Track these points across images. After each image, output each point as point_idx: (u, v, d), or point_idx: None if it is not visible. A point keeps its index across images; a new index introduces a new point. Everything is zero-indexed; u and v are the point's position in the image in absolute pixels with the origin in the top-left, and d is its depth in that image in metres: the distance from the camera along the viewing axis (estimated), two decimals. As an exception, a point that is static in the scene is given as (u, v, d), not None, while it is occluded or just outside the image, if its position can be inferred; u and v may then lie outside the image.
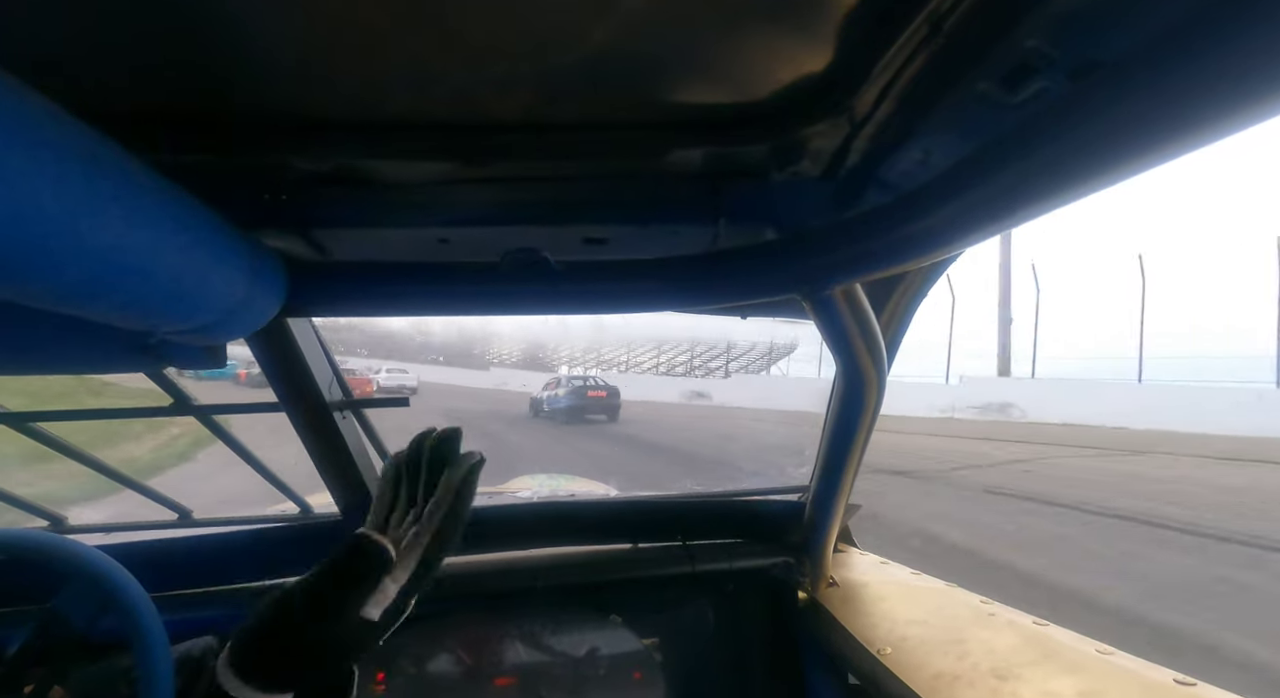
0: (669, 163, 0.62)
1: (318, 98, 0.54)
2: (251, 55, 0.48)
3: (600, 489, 2.25)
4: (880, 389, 0.88)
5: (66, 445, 0.96)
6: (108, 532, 1.15)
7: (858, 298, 0.75)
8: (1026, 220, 0.49)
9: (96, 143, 0.38)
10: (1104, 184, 0.41)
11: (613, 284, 0.73)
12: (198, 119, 0.55)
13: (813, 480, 1.15)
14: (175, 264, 0.46)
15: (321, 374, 0.92)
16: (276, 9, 0.43)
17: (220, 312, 0.55)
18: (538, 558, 1.24)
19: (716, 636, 1.34)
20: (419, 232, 0.69)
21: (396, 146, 0.59)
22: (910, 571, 1.23)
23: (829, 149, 0.61)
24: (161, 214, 0.44)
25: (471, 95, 0.54)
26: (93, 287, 0.41)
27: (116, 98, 0.52)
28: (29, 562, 0.81)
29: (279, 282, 0.65)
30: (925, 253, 0.59)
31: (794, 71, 0.51)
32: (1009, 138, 0.45)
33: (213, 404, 0.94)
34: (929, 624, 0.97)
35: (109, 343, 0.58)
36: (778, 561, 1.29)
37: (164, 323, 0.52)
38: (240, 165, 0.60)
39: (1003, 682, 0.77)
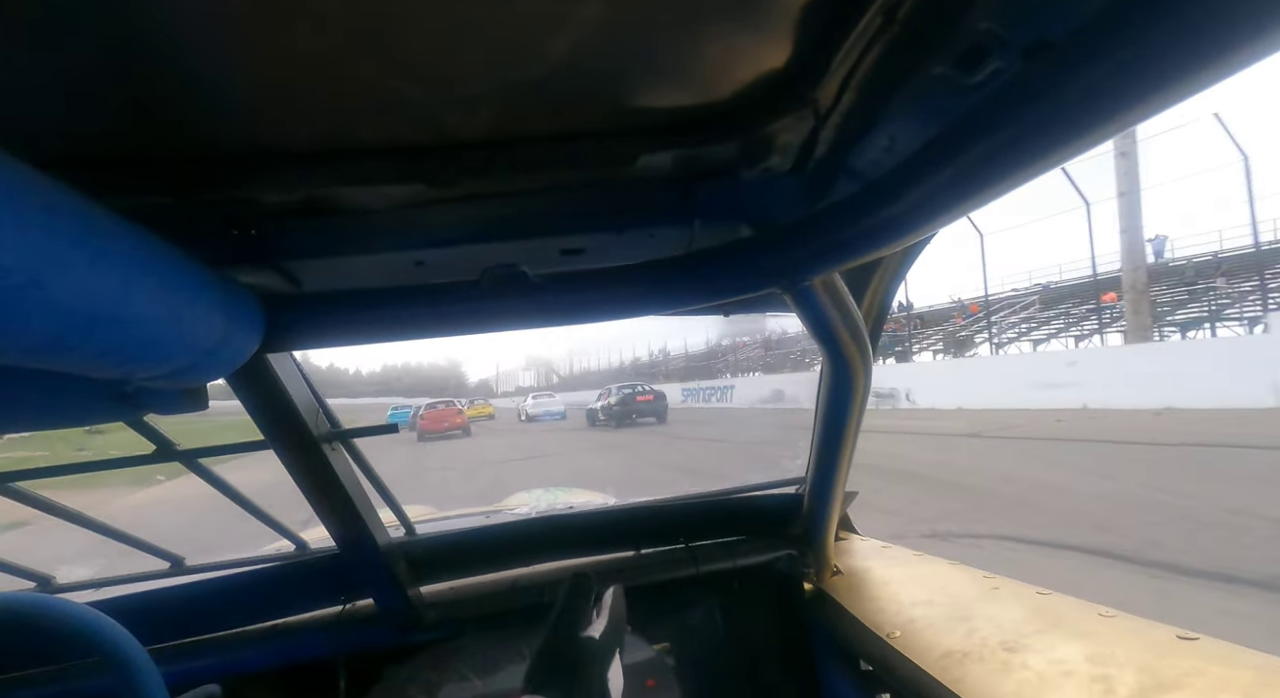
0: (640, 168, 0.62)
1: (280, 130, 0.53)
2: (208, 92, 0.47)
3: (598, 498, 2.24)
4: (867, 375, 0.89)
5: (50, 503, 0.94)
6: (98, 587, 1.12)
7: (837, 287, 0.76)
8: (993, 198, 0.50)
9: (54, 190, 0.37)
10: (1065, 157, 0.42)
11: (593, 293, 0.73)
12: (159, 159, 0.54)
13: (809, 472, 1.16)
14: (146, 309, 0.45)
15: (307, 408, 0.91)
16: (229, 45, 0.42)
17: (197, 353, 0.54)
18: (542, 573, 1.23)
19: (727, 635, 1.34)
20: (394, 256, 0.69)
21: (363, 173, 0.58)
22: (913, 552, 1.24)
23: (796, 143, 0.61)
24: (128, 259, 0.43)
25: (434, 116, 0.53)
26: (62, 339, 0.40)
27: (72, 142, 0.51)
28: (19, 625, 0.79)
29: (256, 318, 0.64)
30: (898, 237, 0.60)
31: (755, 69, 0.52)
32: (970, 119, 0.46)
33: (197, 448, 0.92)
34: (935, 604, 0.98)
35: (84, 394, 0.57)
36: (781, 554, 1.29)
37: (140, 369, 0.51)
38: (207, 203, 0.59)
39: (1012, 654, 0.78)
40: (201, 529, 3.88)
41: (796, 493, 1.28)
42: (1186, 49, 0.32)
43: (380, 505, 1.11)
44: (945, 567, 1.14)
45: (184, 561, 1.13)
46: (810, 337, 0.83)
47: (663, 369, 40.03)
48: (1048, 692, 0.70)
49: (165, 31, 0.40)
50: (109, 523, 1.03)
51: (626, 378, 40.93)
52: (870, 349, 0.87)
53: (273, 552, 1.20)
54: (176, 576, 1.12)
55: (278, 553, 1.18)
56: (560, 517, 1.32)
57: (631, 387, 20.60)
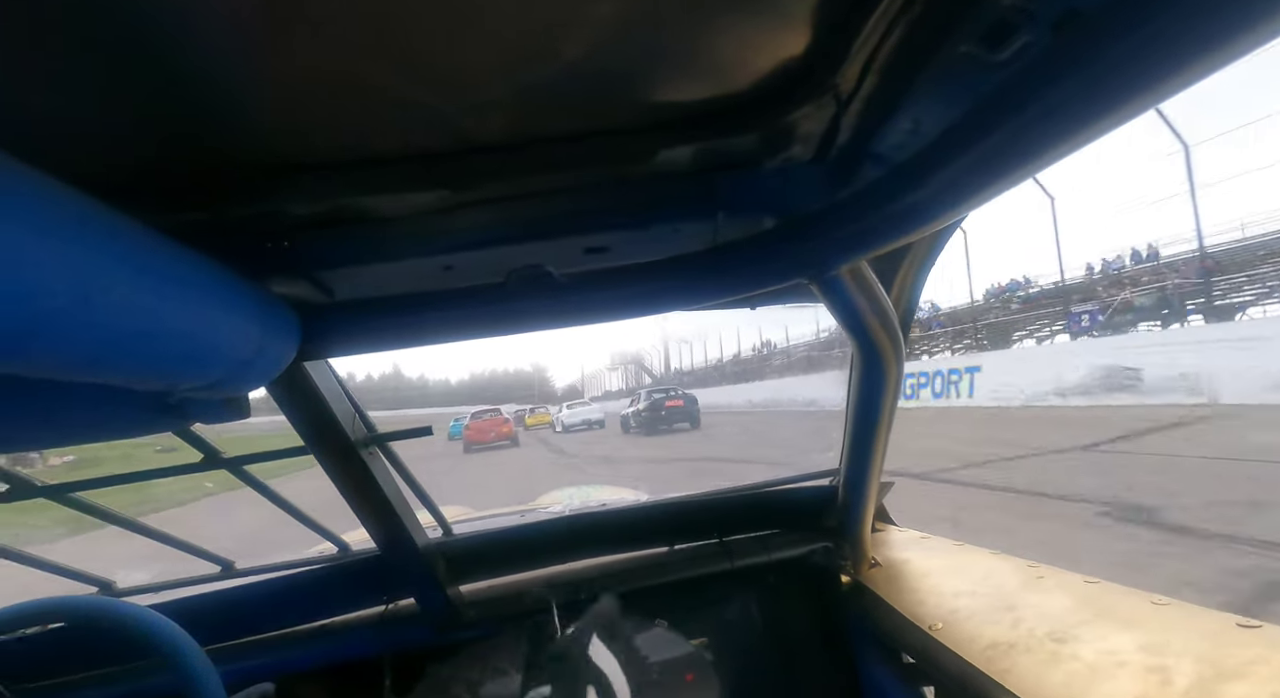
0: (660, 163, 0.62)
1: (304, 143, 0.55)
2: (234, 111, 0.48)
3: (630, 495, 2.25)
4: (900, 363, 0.87)
5: (108, 511, 0.98)
6: (156, 591, 1.17)
7: (865, 275, 0.75)
8: (1024, 178, 0.48)
9: (95, 210, 0.38)
10: (1099, 131, 0.41)
11: (619, 290, 0.73)
12: (192, 177, 0.56)
13: (842, 463, 1.14)
14: (187, 322, 0.47)
15: (343, 413, 0.93)
16: (254, 67, 0.43)
17: (237, 363, 0.56)
18: (577, 570, 1.24)
19: (764, 629, 1.34)
20: (422, 261, 0.70)
21: (387, 181, 0.59)
22: (953, 542, 1.22)
23: (818, 131, 0.60)
24: (168, 274, 0.45)
25: (453, 122, 0.54)
26: (107, 353, 0.41)
27: (111, 164, 0.53)
28: (89, 626, 0.83)
29: (291, 327, 0.65)
30: (926, 222, 0.58)
31: (773, 58, 0.51)
32: (998, 97, 0.45)
33: (242, 455, 0.95)
34: (977, 595, 0.96)
35: (131, 406, 0.59)
36: (816, 547, 1.28)
37: (183, 380, 0.53)
38: (240, 217, 0.61)
39: (1061, 644, 0.76)
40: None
41: (830, 485, 1.26)
42: (1227, 11, 0.31)
43: (418, 507, 1.13)
44: (987, 557, 1.11)
45: (234, 564, 1.16)
46: (842, 327, 0.82)
47: (777, 361, 33.99)
48: (1100, 683, 0.67)
49: (194, 57, 0.41)
50: (163, 530, 1.07)
51: (728, 375, 38.23)
52: (901, 337, 0.85)
53: (316, 554, 1.23)
54: (227, 579, 1.16)
55: (321, 556, 1.21)
56: (593, 514, 1.33)
57: (664, 391, 19.76)
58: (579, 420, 23.92)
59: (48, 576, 1.07)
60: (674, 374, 46.31)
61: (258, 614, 1.18)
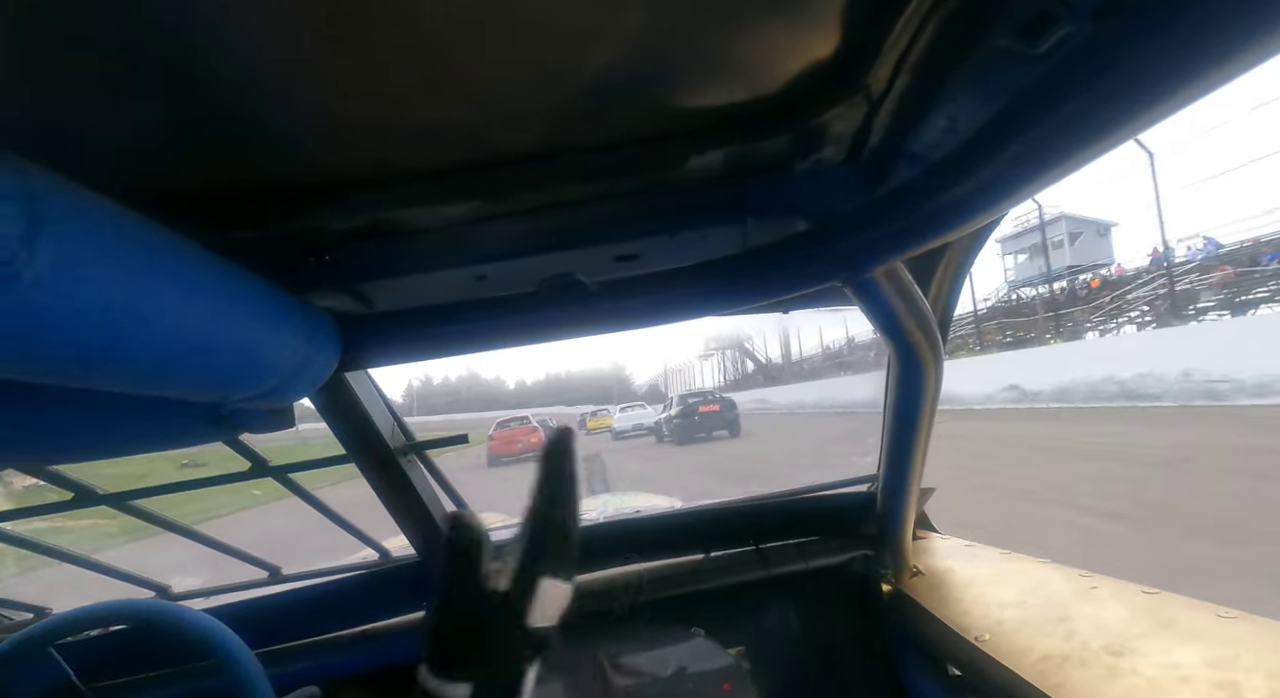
0: (689, 169, 0.62)
1: (344, 160, 0.57)
2: (279, 133, 0.50)
3: (664, 502, 2.24)
4: (938, 366, 0.85)
5: (164, 519, 1.02)
6: (207, 596, 1.21)
7: (901, 277, 0.73)
8: (1066, 174, 0.46)
9: (152, 230, 0.40)
10: (1144, 124, 0.39)
11: (649, 297, 0.74)
12: (240, 196, 0.58)
13: (880, 469, 1.12)
14: (237, 335, 0.49)
15: (383, 422, 0.95)
16: (295, 88, 0.45)
17: (283, 375, 0.58)
18: (611, 578, 1.24)
19: (803, 638, 1.31)
20: (457, 272, 0.71)
21: (421, 194, 0.61)
22: (999, 551, 1.18)
23: (850, 131, 0.60)
24: (219, 290, 0.47)
25: (486, 135, 0.55)
26: (165, 366, 0.43)
27: (162, 184, 0.56)
28: (149, 629, 0.87)
29: (333, 339, 0.67)
30: (964, 221, 0.57)
31: (802, 59, 0.50)
32: (1037, 91, 0.44)
33: (287, 464, 0.98)
34: (1027, 605, 0.92)
35: (187, 418, 0.62)
36: (855, 555, 1.25)
37: (234, 392, 0.55)
38: (284, 233, 0.63)
39: (1118, 658, 0.73)
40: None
41: (869, 491, 1.23)
42: None
43: None
44: (1036, 566, 1.07)
45: (280, 570, 1.20)
46: (877, 330, 0.80)
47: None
48: None
49: (241, 84, 0.43)
50: (214, 536, 1.11)
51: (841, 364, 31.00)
52: (940, 339, 0.83)
53: (358, 560, 1.26)
54: (274, 584, 1.20)
55: (363, 561, 1.24)
56: (627, 521, 1.33)
57: (700, 395, 17.71)
58: (630, 426, 22.06)
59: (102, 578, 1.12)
60: (789, 364, 38.37)
61: (303, 619, 1.21)
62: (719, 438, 15.86)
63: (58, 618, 0.93)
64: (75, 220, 0.33)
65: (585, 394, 71.84)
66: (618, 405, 27.29)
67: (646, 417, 21.94)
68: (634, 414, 22.99)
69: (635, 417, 22.64)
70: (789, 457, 10.88)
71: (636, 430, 21.42)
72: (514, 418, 20.58)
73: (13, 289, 0.29)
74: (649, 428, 20.49)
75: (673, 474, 9.82)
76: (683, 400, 17.23)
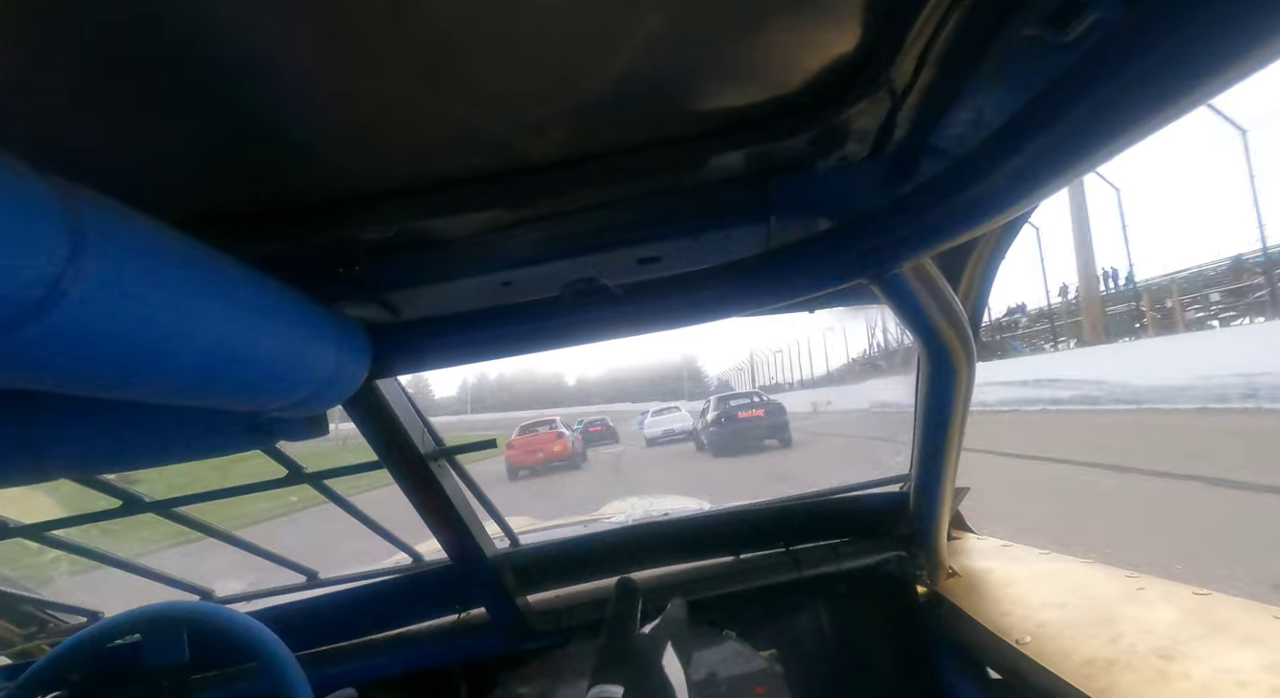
0: (711, 170, 0.62)
1: (372, 173, 0.58)
2: (305, 148, 0.52)
3: (694, 504, 2.23)
4: (971, 362, 0.83)
5: (206, 525, 1.05)
6: (249, 600, 1.24)
7: (929, 273, 0.72)
8: (1099, 163, 0.45)
9: (191, 246, 0.42)
10: (1182, 110, 0.38)
11: (672, 299, 0.73)
12: (274, 211, 0.60)
13: (912, 469, 1.10)
14: (273, 346, 0.50)
15: (413, 428, 0.97)
16: (326, 105, 0.46)
17: (317, 383, 0.59)
18: (642, 580, 1.24)
19: (837, 640, 1.29)
20: (482, 279, 0.72)
21: (447, 204, 0.62)
22: (1039, 551, 1.15)
23: (873, 127, 0.59)
24: (255, 302, 0.48)
25: (510, 143, 0.56)
26: (205, 378, 0.45)
27: (200, 202, 0.58)
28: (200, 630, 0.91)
29: (364, 347, 0.69)
30: (993, 215, 0.56)
31: (823, 56, 0.50)
32: (1067, 80, 0.42)
33: (322, 470, 1.00)
34: (1070, 607, 0.90)
35: (226, 427, 0.64)
36: (889, 556, 1.23)
37: (270, 401, 0.56)
38: (316, 246, 0.65)
39: (1168, 662, 0.70)
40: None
41: (901, 491, 1.21)
42: None
43: (486, 519, 1.16)
44: (1079, 566, 1.04)
45: (318, 574, 1.23)
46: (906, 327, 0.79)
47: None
48: None
49: (275, 103, 0.45)
50: (253, 542, 1.14)
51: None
52: (971, 335, 0.81)
53: (391, 565, 1.28)
54: (311, 588, 1.22)
55: (397, 566, 1.26)
56: (657, 524, 1.33)
57: (746, 397, 14.69)
58: (661, 431, 19.18)
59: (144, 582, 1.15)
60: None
61: (340, 622, 1.24)
62: (770, 449, 13.01)
63: (109, 622, 0.97)
64: (119, 239, 0.35)
65: (654, 390, 65.22)
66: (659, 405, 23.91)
67: (681, 421, 19.41)
68: (665, 418, 20.13)
69: (667, 421, 19.83)
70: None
71: (668, 437, 18.94)
72: (540, 421, 17.14)
73: (61, 306, 0.31)
74: (685, 433, 18.25)
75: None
76: (720, 403, 14.47)
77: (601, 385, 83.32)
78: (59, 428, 0.57)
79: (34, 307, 0.30)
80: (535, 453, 14.99)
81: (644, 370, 77.84)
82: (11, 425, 0.55)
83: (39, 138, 0.45)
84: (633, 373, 79.53)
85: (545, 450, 15.08)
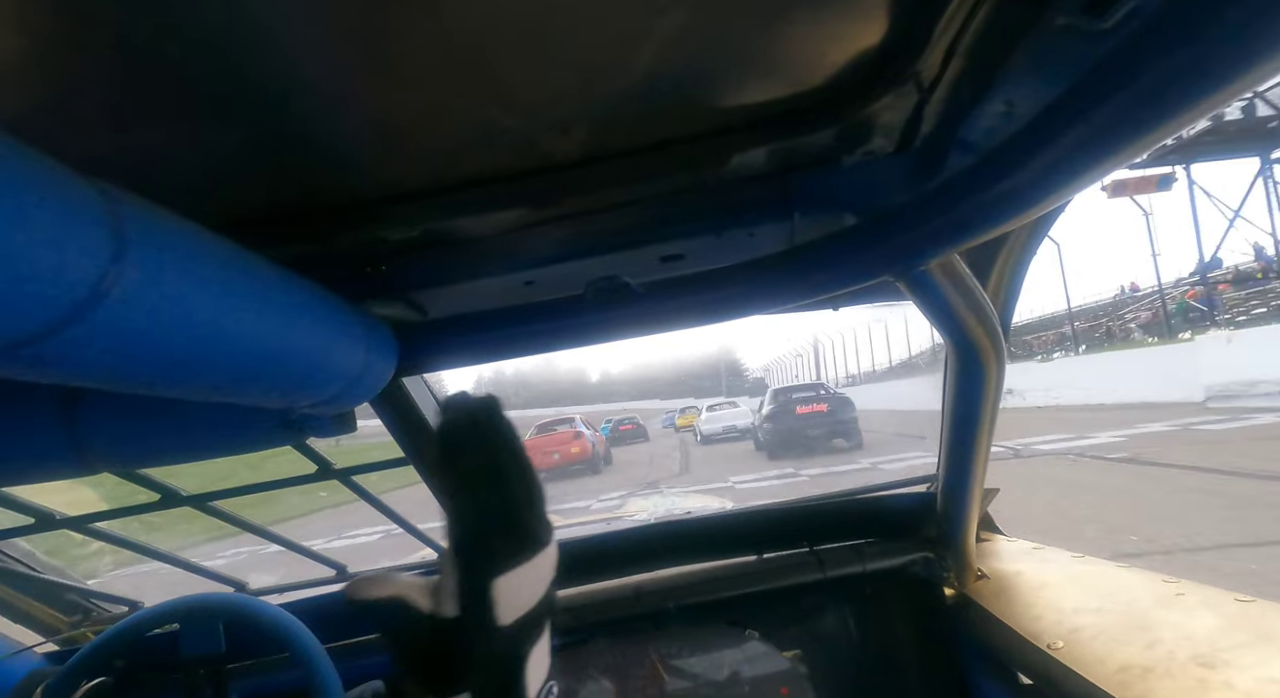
0: (734, 167, 0.61)
1: (399, 174, 0.59)
2: (335, 151, 0.53)
3: (715, 503, 2.23)
4: (1001, 360, 0.82)
5: (240, 519, 1.08)
6: (280, 592, 1.28)
7: (957, 269, 0.71)
8: (1137, 155, 0.43)
9: (225, 247, 0.43)
10: (1227, 97, 0.36)
11: (695, 297, 0.73)
12: (304, 213, 0.62)
13: (940, 469, 1.08)
14: (304, 344, 0.52)
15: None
16: (355, 109, 0.47)
17: (346, 381, 0.60)
18: (664, 579, 1.24)
19: (862, 642, 1.28)
20: (506, 278, 0.73)
21: (471, 204, 0.62)
22: (1071, 554, 1.12)
23: (900, 121, 0.58)
24: (286, 302, 0.49)
25: (533, 142, 0.56)
26: (242, 375, 0.46)
27: (234, 204, 0.59)
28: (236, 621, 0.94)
29: (391, 346, 0.70)
30: (1024, 210, 0.54)
31: (848, 50, 0.49)
32: (1104, 68, 0.41)
33: (350, 466, 1.03)
34: (1104, 612, 0.87)
35: (259, 424, 0.65)
36: (915, 557, 1.21)
37: (301, 398, 0.58)
38: (344, 246, 0.66)
39: (1210, 670, 0.68)
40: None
41: (928, 492, 1.19)
42: None
43: None
44: (1113, 570, 1.01)
45: (346, 568, 1.25)
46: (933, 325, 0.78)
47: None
48: None
49: (306, 107, 0.46)
50: (286, 537, 1.17)
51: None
52: (1001, 333, 0.80)
53: (417, 560, 1.30)
54: (340, 582, 1.25)
55: (422, 561, 1.28)
56: (679, 522, 1.33)
57: (808, 389, 12.98)
58: (720, 427, 18.08)
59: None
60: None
61: (368, 616, 1.26)
62: (836, 450, 11.40)
63: (149, 612, 1.00)
64: (159, 241, 0.36)
65: (685, 387, 59.52)
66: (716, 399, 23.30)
67: (740, 417, 18.14)
68: (723, 414, 18.88)
69: (725, 417, 18.54)
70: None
71: (728, 433, 17.85)
72: (558, 420, 15.73)
73: (104, 306, 0.32)
74: (745, 430, 16.77)
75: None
76: (776, 396, 12.83)
77: (627, 382, 77.22)
78: (103, 424, 0.59)
79: (79, 306, 0.31)
80: (550, 455, 13.57)
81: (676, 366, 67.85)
82: (59, 422, 0.57)
83: (83, 144, 0.47)
84: (664, 368, 70.18)
85: (562, 452, 13.71)
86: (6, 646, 1.08)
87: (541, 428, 14.78)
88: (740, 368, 69.12)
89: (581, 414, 18.43)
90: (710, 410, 19.69)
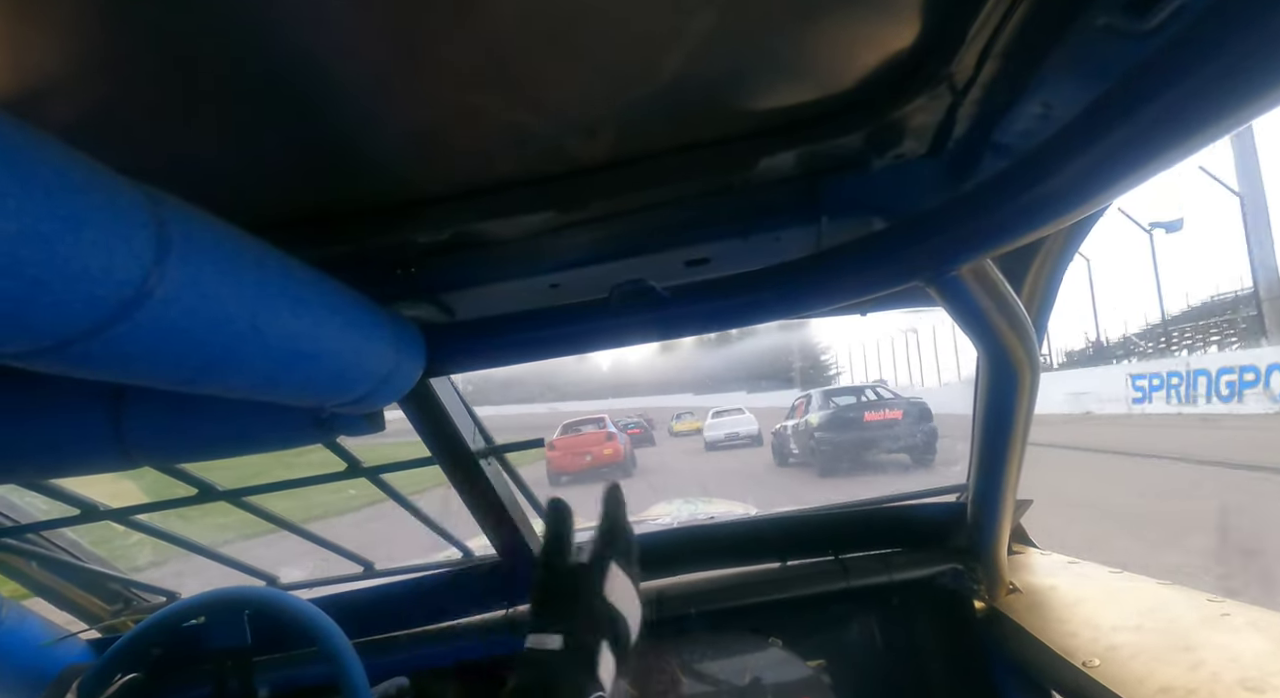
0: (761, 171, 0.61)
1: (429, 178, 0.60)
2: (366, 155, 0.54)
3: (740, 508, 2.21)
4: (1034, 368, 0.79)
5: (273, 515, 1.11)
6: (309, 587, 1.30)
7: (990, 275, 0.69)
8: (1181, 158, 0.42)
9: (262, 249, 0.44)
10: (1274, 102, 0.35)
11: (720, 301, 0.73)
12: (336, 215, 0.63)
13: (970, 479, 1.06)
14: (335, 345, 0.53)
15: (464, 425, 0.99)
16: (388, 114, 0.48)
17: (375, 381, 0.62)
18: (687, 584, 1.24)
19: (888, 653, 1.25)
20: (532, 281, 0.74)
21: (499, 207, 0.63)
22: (1109, 569, 1.08)
23: (932, 124, 0.57)
24: (319, 302, 0.51)
25: (562, 146, 0.57)
26: (275, 374, 0.47)
27: (270, 207, 0.61)
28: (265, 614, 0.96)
29: (419, 347, 0.71)
30: (1060, 214, 0.53)
31: (880, 51, 0.49)
32: (1146, 70, 0.40)
33: (378, 465, 1.04)
34: (1144, 630, 0.84)
35: (292, 422, 0.67)
36: (944, 568, 1.18)
37: (332, 398, 0.59)
38: (375, 248, 0.67)
39: (1257, 695, 0.65)
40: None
41: (958, 502, 1.17)
42: None
43: (532, 516, 1.18)
44: (1154, 587, 0.98)
45: (374, 565, 1.27)
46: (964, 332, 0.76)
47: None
48: None
49: (342, 112, 0.47)
50: (315, 532, 1.19)
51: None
52: (1035, 341, 0.77)
53: (443, 558, 1.32)
54: (368, 578, 1.27)
55: (448, 560, 1.30)
56: (702, 527, 1.32)
57: (871, 395, 11.16)
58: (723, 434, 17.54)
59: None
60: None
61: (394, 613, 1.28)
62: (891, 466, 9.54)
63: (181, 604, 1.03)
64: (198, 243, 0.37)
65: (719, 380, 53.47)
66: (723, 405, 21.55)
67: (744, 423, 17.67)
68: (727, 420, 18.38)
69: (729, 424, 17.99)
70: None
71: (731, 440, 17.28)
72: (586, 419, 14.83)
73: (147, 306, 0.33)
74: (750, 438, 16.58)
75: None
76: (829, 399, 11.09)
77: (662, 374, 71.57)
78: (146, 420, 0.61)
79: (125, 305, 0.32)
80: (582, 456, 12.97)
81: (752, 352, 59.60)
82: (106, 417, 0.59)
83: (128, 149, 0.48)
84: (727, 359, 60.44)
85: (594, 454, 13.03)
86: (52, 631, 1.12)
87: (568, 428, 14.21)
88: (818, 356, 59.97)
89: (601, 411, 18.11)
90: (715, 416, 19.20)
